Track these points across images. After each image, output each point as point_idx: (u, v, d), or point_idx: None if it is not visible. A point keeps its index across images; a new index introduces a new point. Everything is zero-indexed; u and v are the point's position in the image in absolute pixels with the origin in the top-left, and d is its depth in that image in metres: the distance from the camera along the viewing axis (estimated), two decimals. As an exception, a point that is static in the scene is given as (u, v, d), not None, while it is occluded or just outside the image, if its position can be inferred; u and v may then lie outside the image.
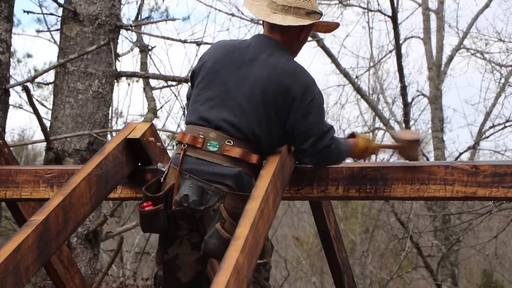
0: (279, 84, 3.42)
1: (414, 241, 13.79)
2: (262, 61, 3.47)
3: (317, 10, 3.57)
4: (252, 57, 3.49)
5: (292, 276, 17.19)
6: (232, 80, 3.47)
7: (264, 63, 3.46)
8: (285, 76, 3.43)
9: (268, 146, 3.47)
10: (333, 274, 4.63)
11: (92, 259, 6.82)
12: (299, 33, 3.58)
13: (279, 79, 3.42)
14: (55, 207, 3.16)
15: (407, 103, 14.20)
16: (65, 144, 6.69)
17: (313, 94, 3.46)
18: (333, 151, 3.51)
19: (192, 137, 3.45)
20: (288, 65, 3.47)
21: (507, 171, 3.50)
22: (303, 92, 3.43)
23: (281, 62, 3.46)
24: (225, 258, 2.82)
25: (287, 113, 3.44)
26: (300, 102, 3.43)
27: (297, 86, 3.43)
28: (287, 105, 3.43)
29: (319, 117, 3.47)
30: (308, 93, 3.44)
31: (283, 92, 3.42)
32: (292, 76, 3.44)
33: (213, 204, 3.38)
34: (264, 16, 3.56)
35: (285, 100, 3.42)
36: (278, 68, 3.44)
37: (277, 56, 3.48)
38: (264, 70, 3.44)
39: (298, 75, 3.46)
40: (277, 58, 3.48)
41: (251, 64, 3.47)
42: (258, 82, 3.43)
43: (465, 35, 15.92)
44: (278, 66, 3.45)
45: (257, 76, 3.44)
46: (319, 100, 3.48)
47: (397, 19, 12.92)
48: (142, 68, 8.05)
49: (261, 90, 3.42)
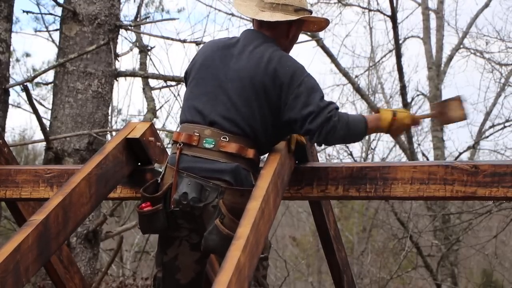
0: (266, 72, 3.43)
1: (414, 240, 13.78)
2: (248, 52, 3.49)
3: (305, 7, 3.59)
4: (240, 51, 3.51)
5: (291, 276, 17.18)
6: (222, 75, 3.49)
7: (251, 54, 3.48)
8: (271, 64, 3.44)
9: (264, 138, 3.47)
10: (332, 274, 4.63)
11: (91, 259, 6.82)
12: (288, 30, 3.59)
13: (266, 67, 3.44)
14: (55, 207, 3.16)
15: (407, 103, 14.19)
16: (65, 144, 6.69)
17: (301, 77, 3.46)
18: (337, 124, 3.44)
19: (187, 135, 3.46)
20: (275, 54, 3.48)
21: (507, 171, 3.50)
22: (290, 77, 3.43)
23: (267, 52, 3.48)
24: (226, 258, 2.82)
25: (278, 100, 3.44)
26: (289, 87, 3.43)
27: (284, 72, 3.43)
28: (277, 92, 3.44)
29: (312, 96, 3.44)
30: (295, 77, 3.44)
31: (271, 79, 3.43)
32: (278, 63, 3.45)
33: (212, 200, 3.38)
34: (252, 14, 3.59)
35: (274, 87, 3.43)
36: (264, 57, 3.46)
37: (264, 47, 3.50)
38: (251, 61, 3.47)
39: (284, 61, 3.47)
40: (263, 48, 3.50)
41: (239, 57, 3.50)
42: (246, 73, 3.45)
43: (465, 35, 15.92)
44: (264, 55, 3.47)
45: (245, 67, 3.46)
46: (309, 82, 3.46)
47: (396, 19, 12.91)
48: (142, 68, 8.05)
49: (249, 80, 3.44)
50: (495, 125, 15.27)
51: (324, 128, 3.44)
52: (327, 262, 4.61)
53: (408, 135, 14.25)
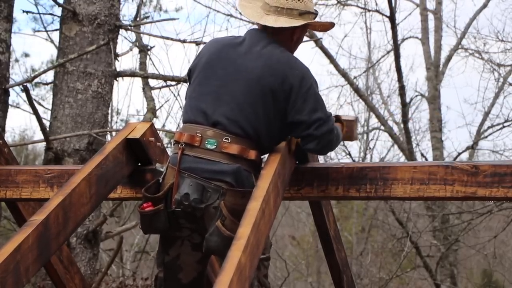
0: (274, 73, 3.43)
1: (413, 241, 13.79)
2: (256, 53, 3.48)
3: (310, 10, 3.57)
4: (246, 51, 3.50)
5: (291, 276, 17.18)
6: (227, 75, 3.48)
7: (258, 54, 3.47)
8: (280, 65, 3.44)
9: (267, 140, 3.47)
10: (332, 274, 4.63)
11: (91, 259, 6.82)
12: (292, 34, 3.59)
13: (274, 68, 3.44)
14: (55, 207, 3.16)
15: (405, 103, 14.19)
16: (65, 144, 6.69)
17: (310, 81, 3.48)
18: (335, 135, 3.53)
19: (190, 135, 3.45)
20: (282, 55, 3.48)
21: (507, 171, 3.50)
22: (300, 80, 3.44)
23: (275, 53, 3.48)
24: (227, 258, 2.82)
25: (286, 102, 3.44)
26: (298, 90, 3.44)
27: (294, 75, 3.44)
28: (285, 94, 3.44)
29: (320, 103, 3.49)
30: (305, 80, 3.46)
31: (280, 81, 3.43)
32: (287, 65, 3.45)
33: (214, 201, 3.37)
34: (257, 18, 3.58)
35: (283, 89, 3.43)
36: (273, 59, 3.46)
37: (271, 47, 3.50)
38: (259, 61, 3.46)
39: (293, 63, 3.48)
40: (270, 49, 3.49)
41: (245, 57, 3.48)
42: (253, 74, 3.44)
43: (463, 35, 15.93)
44: (272, 57, 3.46)
45: (252, 68, 3.45)
46: (316, 88, 3.50)
47: (395, 19, 12.93)
48: (142, 68, 8.05)
49: (256, 81, 3.43)
50: (494, 125, 15.29)
51: (325, 138, 3.48)
52: (327, 262, 4.61)
53: (407, 135, 14.26)
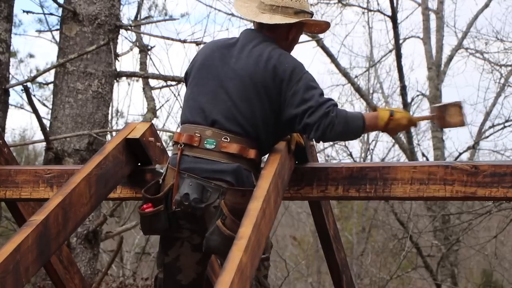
0: (265, 69, 3.45)
1: (414, 241, 13.79)
2: (247, 51, 3.50)
3: (306, 9, 3.59)
4: (239, 50, 3.53)
5: (291, 276, 17.18)
6: (222, 74, 3.50)
7: (250, 52, 3.50)
8: (270, 61, 3.46)
9: (265, 137, 3.48)
10: (332, 274, 4.63)
11: (91, 259, 6.82)
12: (287, 32, 3.60)
13: (265, 64, 3.45)
14: (55, 207, 3.16)
15: (407, 103, 14.19)
16: (65, 144, 6.69)
17: (301, 74, 3.47)
18: (335, 119, 3.43)
19: (188, 136, 3.46)
20: (274, 52, 3.50)
21: (506, 171, 3.50)
22: (289, 74, 3.45)
23: (266, 50, 3.49)
24: (228, 258, 2.82)
25: (278, 97, 3.45)
26: (288, 83, 3.44)
27: (283, 69, 3.45)
28: (277, 89, 3.45)
29: (312, 92, 3.45)
30: (294, 74, 3.46)
31: (271, 77, 3.44)
32: (277, 60, 3.46)
33: (214, 201, 3.38)
34: (252, 17, 3.61)
35: (274, 84, 3.45)
36: (264, 55, 3.47)
37: (263, 45, 3.52)
38: (250, 59, 3.48)
39: (283, 58, 3.49)
40: (262, 46, 3.51)
41: (238, 56, 3.51)
42: (246, 72, 3.46)
43: (465, 35, 15.93)
44: (263, 54, 3.48)
45: (244, 66, 3.47)
46: (307, 79, 3.48)
47: (396, 19, 12.93)
48: (142, 68, 8.05)
49: (249, 79, 3.45)
50: (495, 125, 15.27)
51: (322, 123, 3.43)
52: (327, 262, 4.61)
53: (407, 135, 14.25)
